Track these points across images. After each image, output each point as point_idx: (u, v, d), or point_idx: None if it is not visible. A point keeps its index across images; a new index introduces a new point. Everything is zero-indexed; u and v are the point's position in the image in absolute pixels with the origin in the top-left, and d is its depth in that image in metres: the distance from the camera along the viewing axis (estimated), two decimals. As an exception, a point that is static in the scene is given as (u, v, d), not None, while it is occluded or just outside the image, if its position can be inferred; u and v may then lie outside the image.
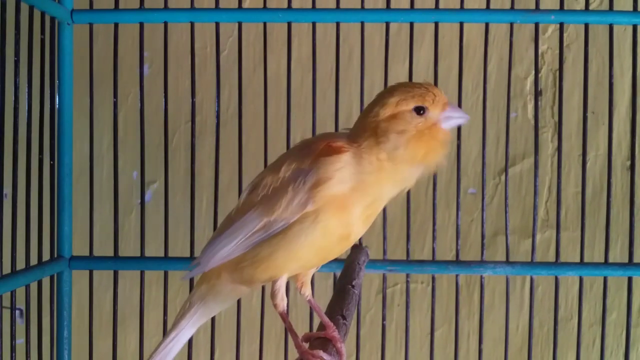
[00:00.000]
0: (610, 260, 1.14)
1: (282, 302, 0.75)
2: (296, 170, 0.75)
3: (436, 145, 0.73)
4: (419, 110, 0.73)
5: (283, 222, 0.74)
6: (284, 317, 0.76)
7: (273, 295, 0.75)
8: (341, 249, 0.77)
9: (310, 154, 0.75)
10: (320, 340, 0.75)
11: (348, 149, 0.74)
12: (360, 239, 1.10)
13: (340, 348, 0.73)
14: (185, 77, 1.38)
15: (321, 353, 0.71)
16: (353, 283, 0.89)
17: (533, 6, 1.12)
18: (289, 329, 0.77)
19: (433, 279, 1.16)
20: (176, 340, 0.85)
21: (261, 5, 1.15)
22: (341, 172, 0.72)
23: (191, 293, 0.85)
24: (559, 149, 1.14)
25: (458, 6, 1.13)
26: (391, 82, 1.20)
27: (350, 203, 0.72)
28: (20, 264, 1.04)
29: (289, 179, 0.75)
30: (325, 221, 0.72)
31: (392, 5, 1.14)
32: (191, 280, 1.16)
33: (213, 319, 1.17)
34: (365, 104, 0.82)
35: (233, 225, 0.78)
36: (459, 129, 1.15)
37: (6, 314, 1.06)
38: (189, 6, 1.14)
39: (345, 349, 0.74)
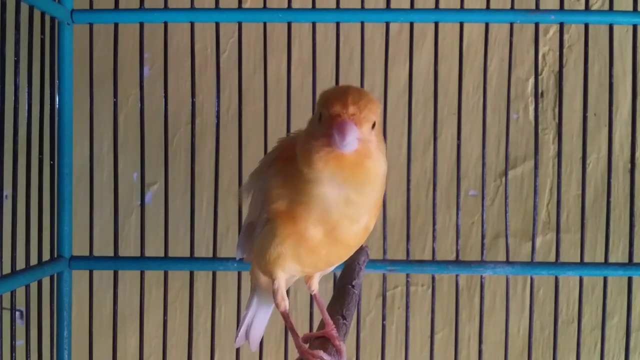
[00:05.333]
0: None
1: (282, 301, 0.75)
2: (260, 176, 0.75)
3: (317, 159, 0.64)
4: (320, 117, 0.65)
5: (259, 224, 0.74)
6: (286, 316, 0.76)
7: (273, 295, 0.75)
8: (323, 260, 0.73)
9: (269, 160, 0.74)
10: (320, 340, 0.75)
11: (291, 159, 0.68)
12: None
13: (340, 346, 0.73)
14: (186, 78, 1.38)
15: (321, 353, 0.70)
16: (353, 283, 0.89)
17: (533, 6, 1.12)
18: (290, 329, 0.76)
19: (433, 279, 1.16)
20: (253, 317, 0.90)
21: (261, 5, 1.15)
22: (276, 187, 0.70)
23: None
24: (559, 150, 1.13)
25: (458, 6, 1.13)
26: (391, 83, 1.22)
27: (298, 218, 0.68)
28: (20, 264, 1.04)
29: (256, 184, 0.75)
30: (281, 233, 0.69)
31: (392, 5, 1.14)
32: (191, 281, 1.16)
33: (213, 320, 1.17)
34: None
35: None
36: (459, 129, 1.14)
37: (6, 315, 1.06)
38: (189, 6, 1.15)
39: (345, 348, 0.74)
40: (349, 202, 0.66)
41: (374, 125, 0.65)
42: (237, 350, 1.17)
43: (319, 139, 0.64)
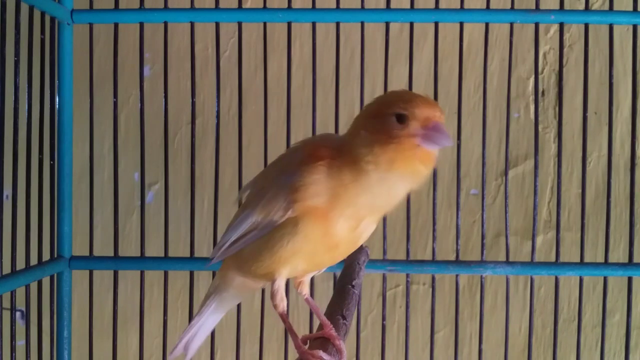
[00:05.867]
0: (612, 261, 1.14)
1: (281, 302, 0.75)
2: (282, 175, 0.74)
3: (402, 157, 0.67)
4: (400, 118, 0.68)
5: (269, 224, 0.74)
6: (284, 317, 0.76)
7: (272, 295, 0.75)
8: (332, 258, 0.76)
9: (296, 159, 0.75)
10: (319, 340, 0.75)
11: (327, 157, 0.71)
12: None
13: (340, 345, 0.73)
14: (186, 78, 1.38)
15: (321, 353, 0.70)
16: (353, 283, 0.89)
17: (533, 6, 1.12)
18: (289, 330, 0.76)
19: (433, 279, 1.16)
20: (200, 326, 0.90)
21: (261, 5, 1.15)
22: (316, 183, 0.70)
23: (211, 283, 0.88)
24: (560, 149, 1.13)
25: (458, 6, 1.13)
26: (392, 82, 1.21)
27: (330, 213, 0.70)
28: (20, 264, 1.04)
29: (275, 183, 0.75)
30: (306, 230, 0.71)
31: (392, 5, 1.14)
32: (191, 280, 1.16)
33: (213, 320, 1.17)
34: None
35: (234, 221, 0.80)
36: (459, 129, 1.14)
37: (6, 315, 1.06)
38: (189, 6, 1.15)
39: (344, 347, 0.74)
40: (392, 195, 0.71)
41: None
42: (237, 350, 1.17)
43: (405, 139, 0.67)
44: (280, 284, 0.74)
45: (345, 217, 0.70)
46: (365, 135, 0.69)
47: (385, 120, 0.68)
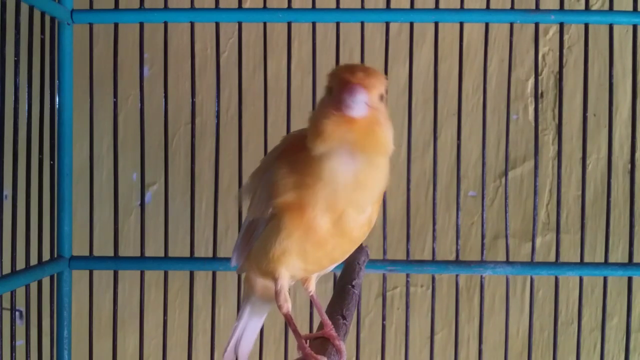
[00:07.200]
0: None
1: (285, 303, 0.74)
2: (265, 172, 0.74)
3: (325, 127, 0.64)
4: (329, 91, 0.67)
5: (261, 222, 0.74)
6: (289, 318, 0.75)
7: (276, 296, 0.74)
8: (328, 255, 0.73)
9: (275, 155, 0.75)
10: (319, 340, 0.75)
11: (297, 151, 0.69)
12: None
13: (339, 346, 0.73)
14: (186, 78, 1.38)
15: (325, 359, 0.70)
16: (353, 283, 0.89)
17: (533, 6, 1.12)
18: (293, 331, 0.75)
19: (433, 279, 1.15)
20: (242, 330, 0.88)
21: (261, 5, 1.15)
22: (284, 178, 0.69)
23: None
24: (559, 151, 1.13)
25: (458, 6, 1.13)
26: (391, 83, 1.21)
27: (306, 208, 0.68)
28: (20, 264, 1.04)
29: (261, 181, 0.75)
30: (288, 227, 0.70)
31: (392, 5, 1.14)
32: (191, 281, 1.16)
33: (213, 320, 1.16)
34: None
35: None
36: (459, 130, 1.14)
37: (6, 315, 1.06)
38: (189, 6, 1.15)
39: (345, 347, 0.74)
40: (357, 179, 0.66)
41: (381, 98, 0.66)
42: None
43: (327, 109, 0.64)
44: (282, 284, 0.73)
45: (321, 209, 0.68)
46: (312, 119, 0.68)
47: (324, 98, 0.68)
